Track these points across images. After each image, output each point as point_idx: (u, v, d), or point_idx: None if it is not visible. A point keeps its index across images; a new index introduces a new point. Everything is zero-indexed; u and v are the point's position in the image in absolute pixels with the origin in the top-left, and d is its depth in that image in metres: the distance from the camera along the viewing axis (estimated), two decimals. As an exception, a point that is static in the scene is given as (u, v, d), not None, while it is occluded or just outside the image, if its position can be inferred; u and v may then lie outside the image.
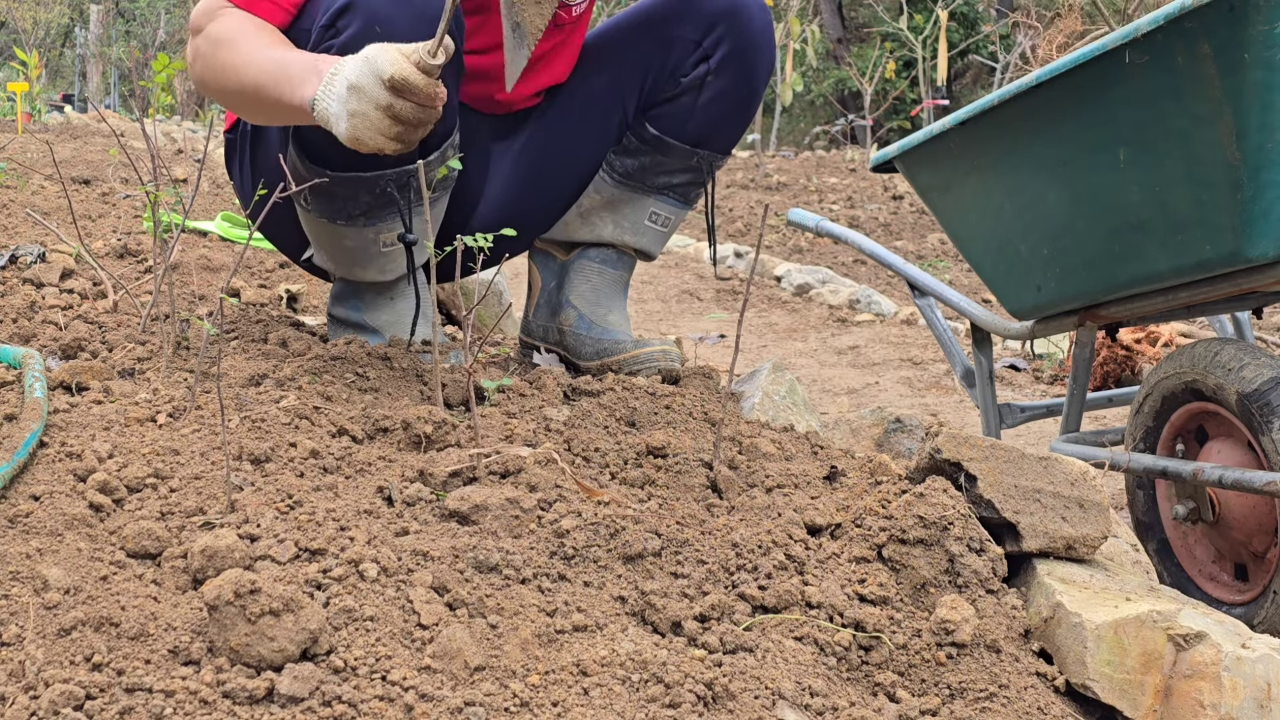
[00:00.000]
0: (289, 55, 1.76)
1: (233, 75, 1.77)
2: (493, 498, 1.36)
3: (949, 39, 13.15)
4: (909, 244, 7.46)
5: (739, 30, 2.14)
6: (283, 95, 1.71)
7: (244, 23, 1.81)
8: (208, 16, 1.82)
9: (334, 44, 1.78)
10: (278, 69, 1.73)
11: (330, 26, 1.79)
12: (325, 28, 1.80)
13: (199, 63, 1.82)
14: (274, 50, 1.77)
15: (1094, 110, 1.96)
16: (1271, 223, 1.77)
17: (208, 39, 1.80)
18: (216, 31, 1.80)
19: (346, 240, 1.99)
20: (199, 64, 1.82)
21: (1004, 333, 2.58)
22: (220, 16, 1.81)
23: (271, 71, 1.73)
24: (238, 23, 1.81)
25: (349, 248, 2.01)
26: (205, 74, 1.82)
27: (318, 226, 2.00)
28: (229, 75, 1.77)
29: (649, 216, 2.28)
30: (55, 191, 4.08)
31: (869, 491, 1.58)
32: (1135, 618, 1.36)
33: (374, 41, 1.72)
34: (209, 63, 1.80)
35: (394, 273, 2.08)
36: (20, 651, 1.10)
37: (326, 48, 1.79)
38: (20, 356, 1.69)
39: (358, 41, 1.76)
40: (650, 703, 1.16)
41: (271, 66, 1.74)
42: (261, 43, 1.79)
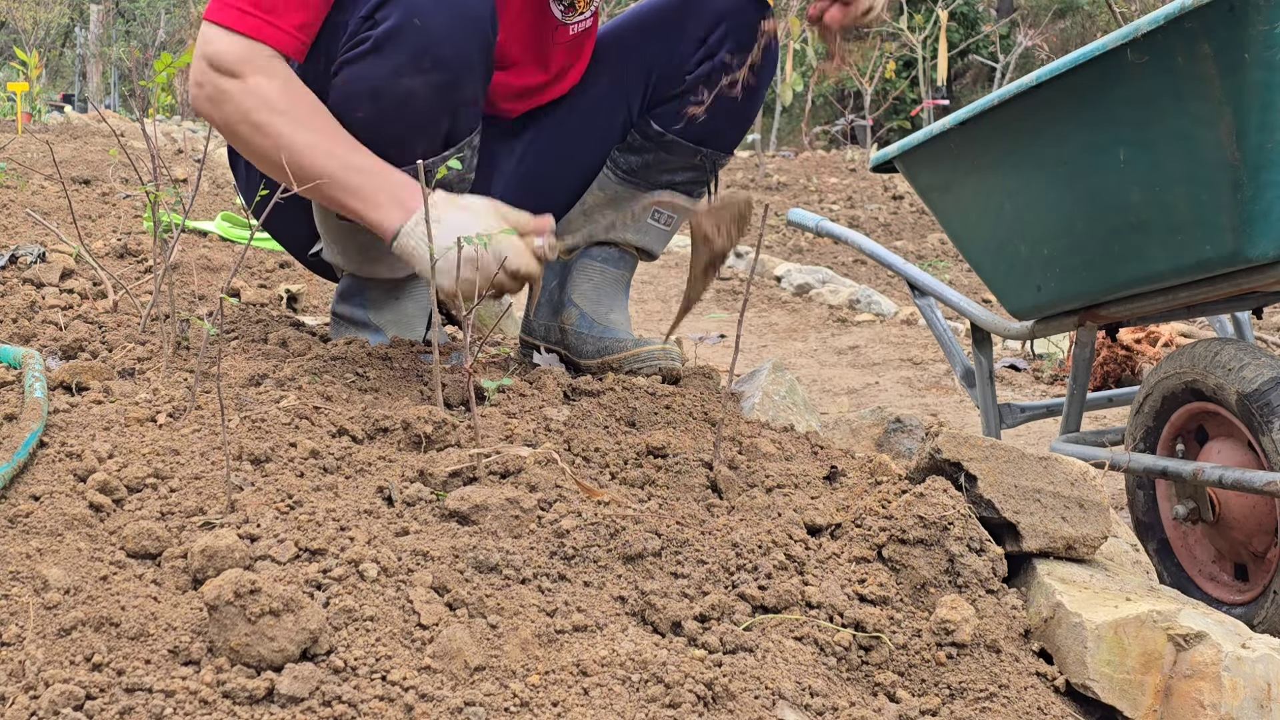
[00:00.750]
0: (365, 164, 1.75)
1: (283, 151, 1.74)
2: (493, 498, 1.36)
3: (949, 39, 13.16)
4: (909, 244, 7.46)
5: (745, 28, 2.14)
6: (350, 205, 1.74)
7: (297, 92, 1.77)
8: (248, 64, 1.76)
9: (370, 35, 1.78)
10: (351, 175, 1.74)
11: (369, 18, 1.79)
12: (364, 19, 1.79)
13: (231, 111, 1.76)
14: (342, 147, 1.76)
15: (1094, 110, 1.96)
16: (1271, 223, 1.77)
17: (254, 95, 1.75)
18: (267, 92, 1.75)
19: (361, 235, 2.00)
20: (231, 112, 1.76)
21: (1004, 333, 2.58)
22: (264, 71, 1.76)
23: (341, 175, 1.73)
24: (289, 90, 1.77)
25: (363, 243, 2.02)
26: (240, 129, 1.77)
27: (332, 221, 2.00)
28: (275, 147, 1.74)
29: (652, 215, 2.28)
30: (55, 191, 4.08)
31: (869, 491, 1.58)
32: (1135, 618, 1.36)
33: (411, 35, 1.75)
34: (251, 121, 1.75)
35: (405, 270, 2.09)
36: (20, 651, 1.10)
37: (363, 39, 1.79)
38: (20, 356, 1.69)
39: (395, 35, 1.76)
40: (650, 703, 1.16)
41: (340, 168, 1.73)
42: (324, 128, 1.77)
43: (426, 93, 1.80)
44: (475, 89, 1.89)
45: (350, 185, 1.74)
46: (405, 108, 1.80)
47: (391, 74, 1.78)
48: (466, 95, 1.87)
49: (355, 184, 1.75)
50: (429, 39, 1.77)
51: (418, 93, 1.80)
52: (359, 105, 1.81)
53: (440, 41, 1.78)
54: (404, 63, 1.78)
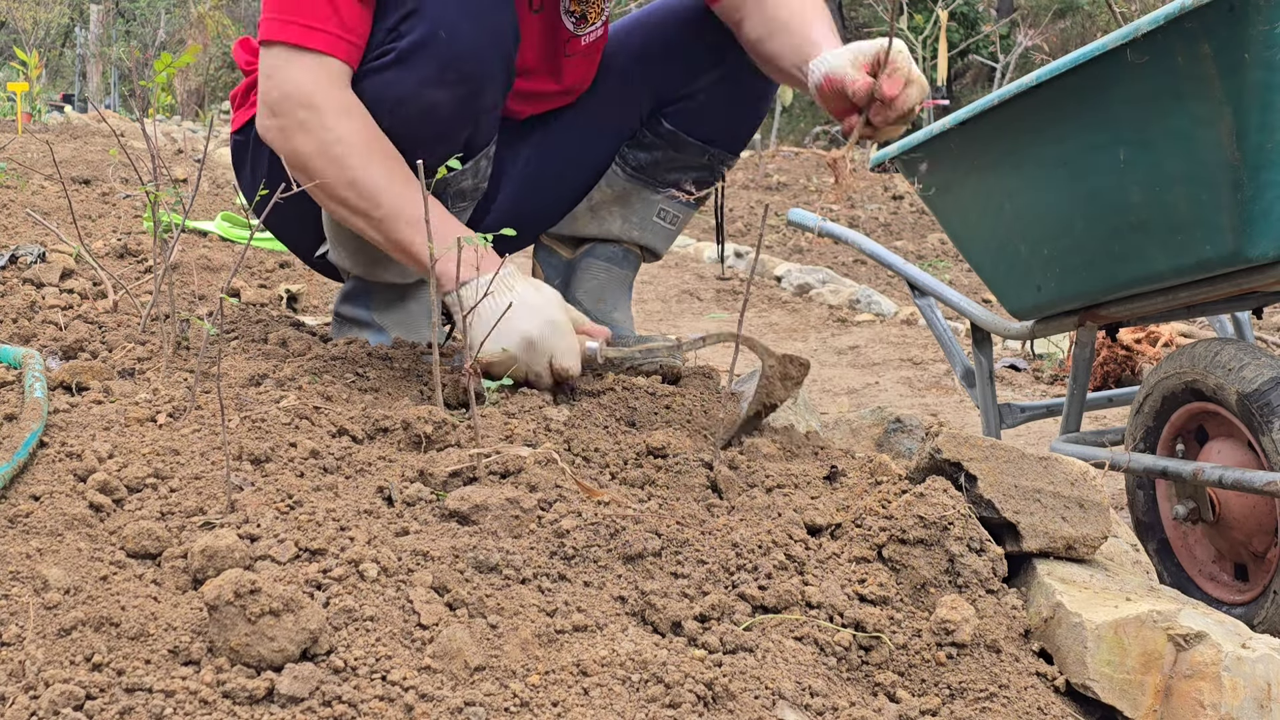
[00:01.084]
0: (440, 213, 1.75)
1: (357, 186, 1.73)
2: (493, 498, 1.36)
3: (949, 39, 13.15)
4: (909, 244, 7.46)
5: None
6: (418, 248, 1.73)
7: (375, 132, 1.77)
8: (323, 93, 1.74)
9: (395, 47, 1.78)
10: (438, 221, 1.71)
11: (394, 30, 1.79)
12: (389, 31, 1.79)
13: (307, 143, 1.75)
14: (414, 195, 1.74)
15: (1094, 110, 1.96)
16: (1271, 223, 1.77)
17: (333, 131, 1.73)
18: (346, 128, 1.74)
19: None
20: (306, 144, 1.75)
21: (1004, 333, 2.58)
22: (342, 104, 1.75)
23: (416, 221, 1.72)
24: (367, 128, 1.76)
25: (373, 248, 2.02)
26: (314, 161, 1.75)
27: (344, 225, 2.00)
28: (348, 181, 1.74)
29: (658, 213, 2.29)
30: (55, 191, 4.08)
31: (869, 491, 1.58)
32: (1135, 618, 1.36)
33: (437, 48, 1.75)
34: (330, 154, 1.74)
35: (413, 276, 2.09)
36: (20, 651, 1.10)
37: (388, 50, 1.79)
38: (20, 356, 1.69)
39: (420, 47, 1.76)
40: (650, 703, 1.16)
41: (416, 212, 1.72)
42: (400, 171, 1.76)
43: (450, 104, 1.81)
44: (496, 98, 1.89)
45: (436, 227, 1.72)
46: (429, 118, 1.81)
47: (416, 86, 1.78)
48: (487, 105, 1.88)
49: (441, 228, 1.72)
50: (454, 53, 1.77)
51: (442, 104, 1.80)
52: (382, 115, 1.80)
53: (465, 55, 1.78)
54: (429, 75, 1.78)
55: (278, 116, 1.76)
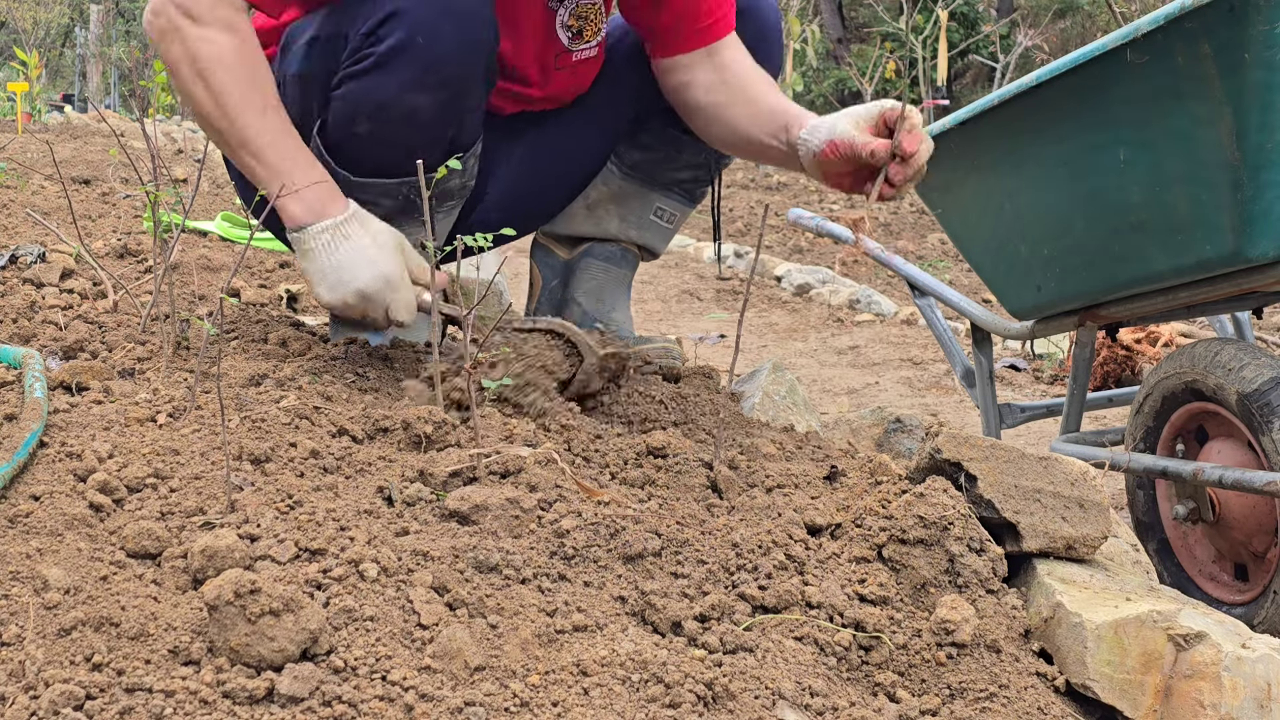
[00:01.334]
0: (295, 150, 1.75)
1: (218, 107, 1.73)
2: (493, 498, 1.36)
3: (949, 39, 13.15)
4: (909, 244, 7.46)
5: (753, 27, 2.14)
6: (266, 181, 1.72)
7: (250, 56, 1.75)
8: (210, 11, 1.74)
9: (373, 52, 1.77)
10: (280, 153, 1.73)
11: (371, 34, 1.78)
12: (366, 35, 1.78)
13: (179, 51, 1.73)
14: (277, 123, 1.74)
15: (1094, 110, 1.96)
16: (1271, 223, 1.77)
17: (207, 43, 1.73)
18: (220, 45, 1.73)
19: None
20: (179, 51, 1.73)
21: (1004, 333, 2.58)
22: (224, 22, 1.74)
23: (269, 149, 1.73)
24: (243, 50, 1.75)
25: None
26: (183, 69, 1.74)
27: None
28: (211, 99, 1.73)
29: (654, 212, 2.28)
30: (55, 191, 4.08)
31: (869, 491, 1.58)
32: (1135, 618, 1.36)
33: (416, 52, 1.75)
34: (197, 67, 1.73)
35: None
36: (20, 651, 1.10)
37: (366, 55, 1.78)
38: (20, 356, 1.68)
39: (399, 52, 1.76)
40: (650, 703, 1.16)
41: (270, 142, 1.73)
42: (265, 100, 1.75)
43: (432, 108, 1.80)
44: (479, 99, 1.89)
45: (273, 163, 1.73)
46: (410, 122, 1.81)
47: (397, 90, 1.78)
48: (470, 106, 1.87)
49: (279, 164, 1.73)
50: (434, 56, 1.77)
51: (423, 108, 1.80)
52: (362, 120, 1.80)
53: (445, 59, 1.78)
54: (409, 80, 1.77)
55: (159, 16, 1.76)
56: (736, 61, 2.07)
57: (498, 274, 1.92)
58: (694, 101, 2.08)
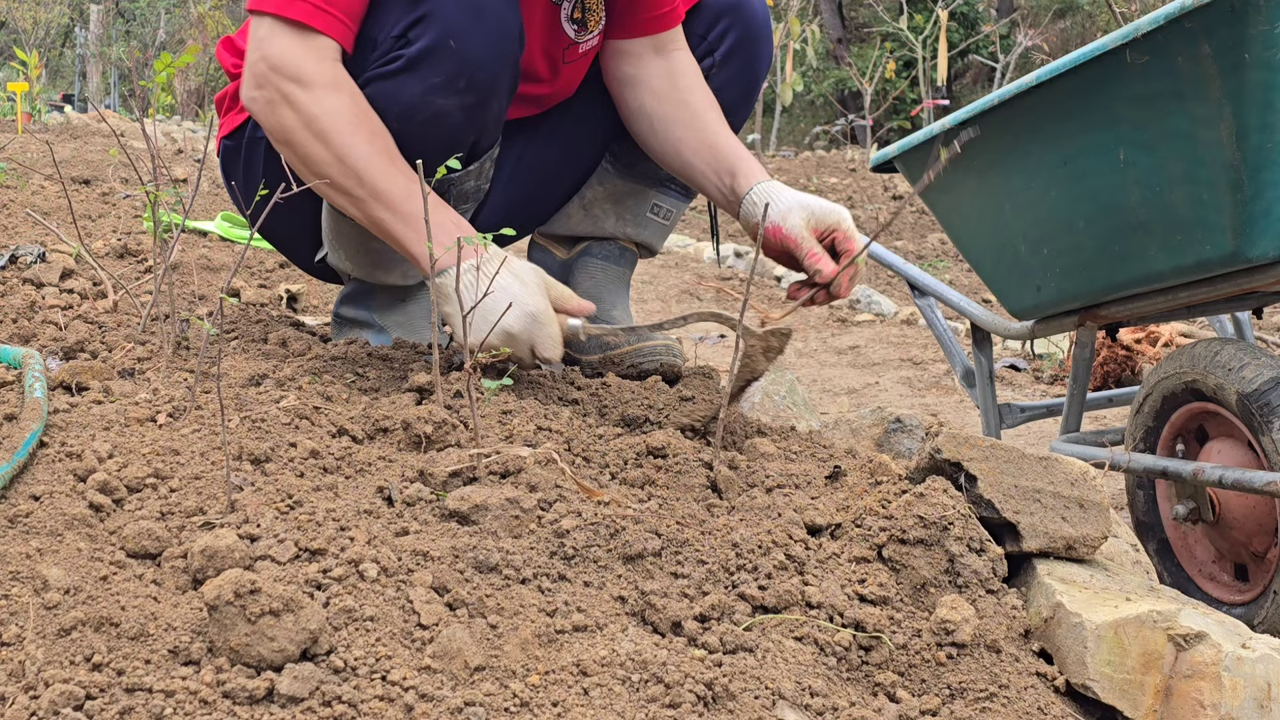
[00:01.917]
0: (418, 198, 1.72)
1: (344, 163, 1.71)
2: (493, 498, 1.36)
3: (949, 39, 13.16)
4: (909, 244, 7.46)
5: (743, 23, 2.14)
6: (401, 232, 1.71)
7: (365, 109, 1.74)
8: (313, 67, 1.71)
9: (403, 54, 1.76)
10: (412, 203, 1.71)
11: (402, 37, 1.77)
12: (397, 38, 1.77)
13: (292, 118, 1.71)
14: (404, 174, 1.73)
15: (1094, 110, 1.96)
16: (1271, 223, 1.77)
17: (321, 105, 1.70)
18: (335, 103, 1.71)
19: (373, 243, 1.99)
20: (291, 119, 1.71)
21: (1004, 333, 2.58)
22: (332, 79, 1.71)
23: (402, 200, 1.71)
24: (356, 105, 1.72)
25: (375, 250, 2.01)
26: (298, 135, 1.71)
27: (343, 228, 1.99)
28: (335, 158, 1.71)
29: (651, 209, 2.28)
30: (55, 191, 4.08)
31: (869, 491, 1.58)
32: (1135, 618, 1.36)
33: (446, 56, 1.74)
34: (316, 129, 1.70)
35: (415, 278, 2.09)
36: (20, 651, 1.10)
37: (396, 56, 1.77)
38: (20, 356, 1.69)
39: (428, 55, 1.75)
40: (650, 703, 1.16)
41: (403, 193, 1.71)
42: (388, 150, 1.74)
43: (459, 112, 1.79)
44: (503, 104, 1.88)
45: (407, 213, 1.72)
46: (437, 125, 1.80)
47: (424, 94, 1.77)
48: (494, 112, 1.87)
49: (413, 213, 1.71)
50: (464, 61, 1.76)
51: (450, 112, 1.79)
52: (388, 121, 1.78)
53: (476, 64, 1.77)
54: (438, 84, 1.76)
55: (264, 88, 1.72)
56: (688, 75, 2.05)
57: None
58: (641, 105, 2.07)
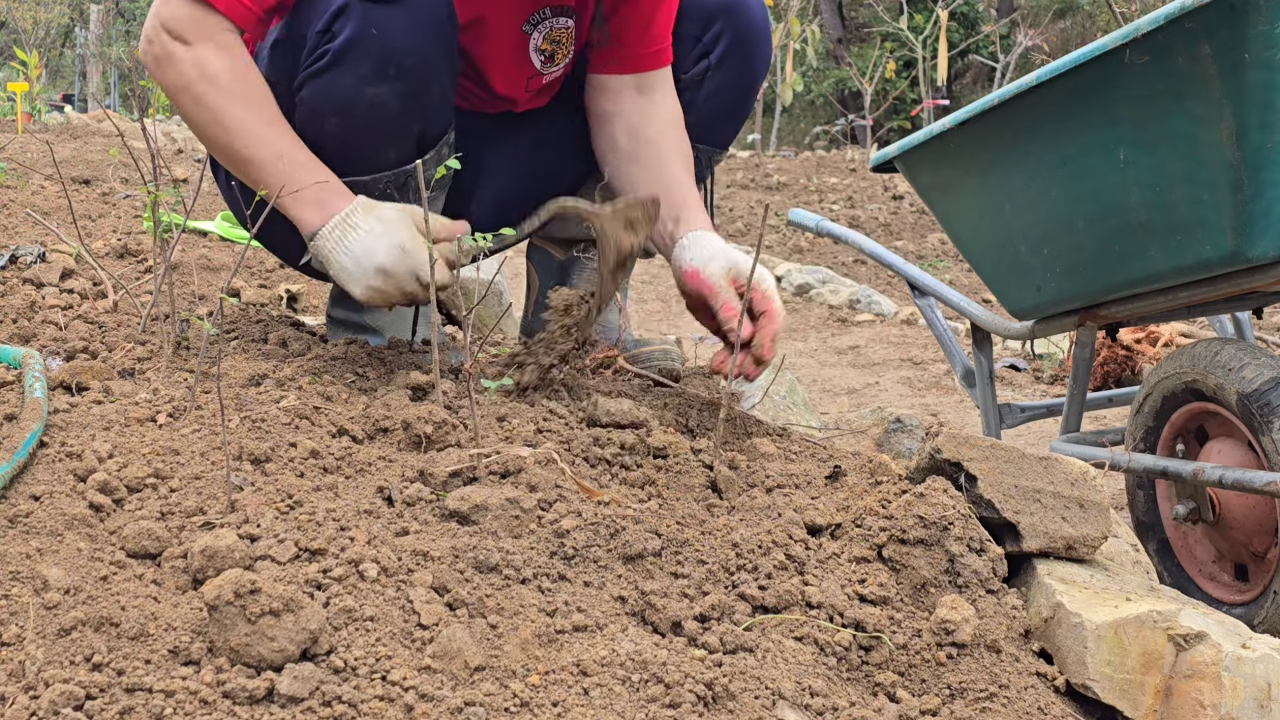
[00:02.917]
0: (296, 157, 1.76)
1: (219, 127, 1.76)
2: (493, 498, 1.36)
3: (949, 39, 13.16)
4: (909, 244, 7.46)
5: (739, 25, 2.14)
6: (273, 189, 1.73)
7: (244, 72, 1.77)
8: (198, 32, 1.76)
9: (329, 48, 1.78)
10: (281, 165, 1.74)
11: (326, 31, 1.78)
12: (321, 33, 1.78)
13: (174, 76, 1.76)
14: (277, 135, 1.77)
15: (1094, 110, 1.96)
16: (1271, 223, 1.77)
17: (199, 66, 1.75)
18: (212, 66, 1.75)
19: None
20: (174, 77, 1.77)
21: (1004, 333, 2.58)
22: (214, 42, 1.76)
23: (271, 163, 1.74)
24: (235, 67, 1.77)
25: None
26: (180, 96, 1.78)
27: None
28: (212, 121, 1.76)
29: None
30: (55, 191, 4.08)
31: (869, 491, 1.58)
32: (1135, 618, 1.36)
33: (370, 44, 1.74)
34: (192, 91, 1.76)
35: None
36: (20, 651, 1.10)
37: (323, 52, 1.78)
38: (20, 356, 1.69)
39: (354, 46, 1.76)
40: (650, 703, 1.16)
41: (272, 155, 1.75)
42: (263, 114, 1.77)
43: (394, 100, 1.80)
44: (443, 89, 1.88)
45: (277, 175, 1.74)
46: (374, 116, 1.81)
47: (356, 85, 1.78)
48: (434, 97, 1.86)
49: (282, 174, 1.74)
50: (389, 47, 1.77)
51: (386, 101, 1.80)
52: (327, 118, 1.81)
53: (402, 50, 1.78)
54: (367, 73, 1.77)
55: (152, 44, 1.78)
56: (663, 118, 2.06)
57: (498, 274, 1.92)
58: (613, 140, 2.07)
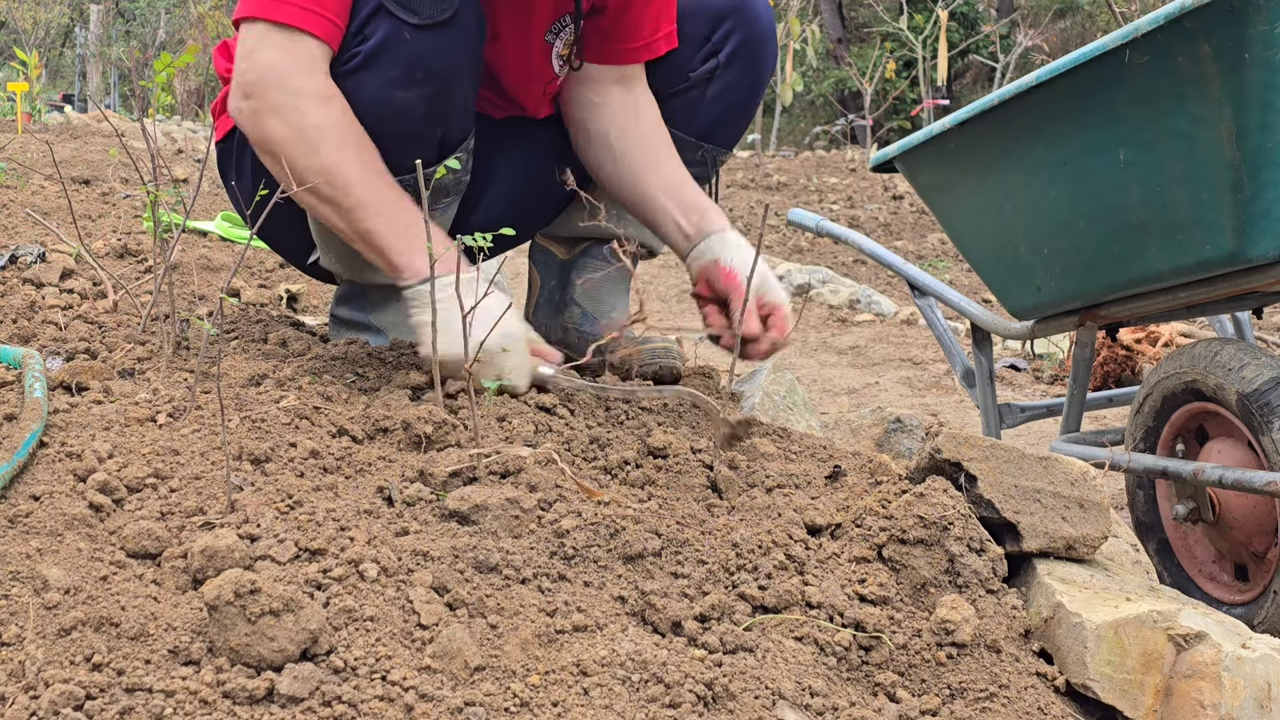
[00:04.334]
0: (410, 208, 1.75)
1: (329, 173, 1.70)
2: (493, 498, 1.36)
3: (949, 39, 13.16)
4: (909, 244, 7.46)
5: (747, 25, 2.14)
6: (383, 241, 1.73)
7: (352, 119, 1.74)
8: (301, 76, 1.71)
9: (360, 51, 1.77)
10: (396, 213, 1.73)
11: (358, 34, 1.78)
12: (354, 35, 1.78)
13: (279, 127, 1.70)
14: (389, 185, 1.75)
15: (1094, 110, 1.96)
16: (1271, 223, 1.77)
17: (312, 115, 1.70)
18: (326, 113, 1.71)
19: None
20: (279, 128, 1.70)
21: (1004, 333, 2.58)
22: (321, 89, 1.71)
23: (388, 210, 1.73)
24: (346, 115, 1.73)
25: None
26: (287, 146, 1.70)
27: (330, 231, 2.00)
28: (321, 167, 1.70)
29: None
30: (55, 191, 4.08)
31: (869, 491, 1.58)
32: (1135, 618, 1.36)
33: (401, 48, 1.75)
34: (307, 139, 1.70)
35: None
36: (20, 651, 1.10)
37: (354, 54, 1.78)
38: (20, 356, 1.69)
39: (384, 49, 1.76)
40: (650, 703, 1.16)
41: (388, 204, 1.73)
42: (373, 162, 1.75)
43: (420, 104, 1.80)
44: (466, 95, 1.89)
45: (397, 221, 1.73)
46: (400, 120, 1.80)
47: (384, 88, 1.78)
48: (458, 102, 1.87)
49: (404, 221, 1.73)
50: (419, 52, 1.77)
51: (412, 105, 1.80)
52: None
53: (431, 54, 1.78)
54: (396, 76, 1.77)
55: (251, 99, 1.72)
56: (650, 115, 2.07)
57: (497, 274, 1.92)
58: (604, 133, 2.07)
